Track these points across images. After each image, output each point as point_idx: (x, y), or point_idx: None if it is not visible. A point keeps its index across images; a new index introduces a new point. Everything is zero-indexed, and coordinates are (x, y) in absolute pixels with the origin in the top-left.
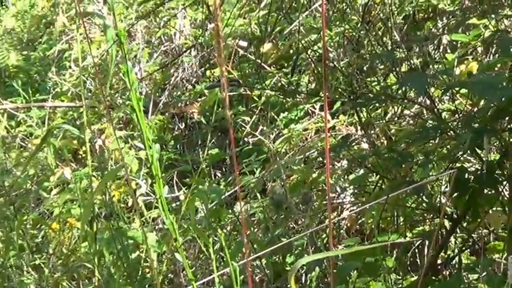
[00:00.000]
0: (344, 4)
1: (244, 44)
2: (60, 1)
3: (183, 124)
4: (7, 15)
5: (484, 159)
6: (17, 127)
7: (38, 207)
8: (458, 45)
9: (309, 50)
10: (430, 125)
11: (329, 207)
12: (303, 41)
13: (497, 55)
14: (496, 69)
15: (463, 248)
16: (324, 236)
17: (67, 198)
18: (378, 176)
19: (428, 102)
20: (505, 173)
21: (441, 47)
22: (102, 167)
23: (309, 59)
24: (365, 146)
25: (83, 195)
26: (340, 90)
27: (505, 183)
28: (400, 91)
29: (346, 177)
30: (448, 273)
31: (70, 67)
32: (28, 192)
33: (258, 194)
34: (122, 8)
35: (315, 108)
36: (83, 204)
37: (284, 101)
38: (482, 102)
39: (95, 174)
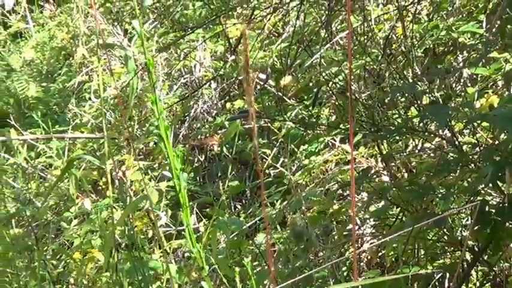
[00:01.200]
0: (365, 37)
1: (264, 76)
2: (79, 33)
3: (203, 156)
4: (26, 46)
5: (505, 192)
6: (36, 158)
7: (58, 237)
8: (479, 78)
9: (330, 83)
10: (451, 158)
11: (353, 238)
12: (323, 74)
13: None
14: None
15: (484, 282)
16: (345, 268)
17: (88, 229)
18: (399, 209)
19: (449, 135)
20: None
21: (462, 81)
22: (122, 198)
23: (330, 92)
24: (386, 178)
25: (104, 226)
26: (361, 122)
27: None
28: (421, 124)
29: (366, 209)
30: None
31: (90, 99)
32: (49, 223)
33: (278, 226)
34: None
35: (335, 141)
36: (104, 234)
37: (304, 133)
38: (503, 136)
39: (115, 205)
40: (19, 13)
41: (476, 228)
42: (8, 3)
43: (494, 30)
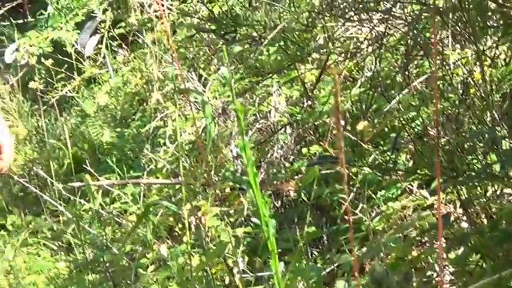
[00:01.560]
0: (443, 81)
1: (342, 122)
2: (153, 78)
3: (279, 202)
4: (100, 92)
5: None
6: (112, 204)
7: (135, 284)
8: None
9: (408, 128)
10: None
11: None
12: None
13: None
14: None
15: None
16: None
17: (165, 275)
18: (479, 256)
19: None
20: None
21: None
22: (199, 244)
23: (408, 137)
24: (465, 224)
25: (181, 272)
26: (440, 168)
27: None
28: (501, 169)
29: (445, 256)
30: None
31: (164, 144)
32: (125, 269)
33: (356, 273)
34: (217, 86)
35: (413, 186)
36: (181, 281)
37: (382, 178)
38: None
39: (192, 251)
40: (92, 58)
41: None
42: (88, 50)
43: None
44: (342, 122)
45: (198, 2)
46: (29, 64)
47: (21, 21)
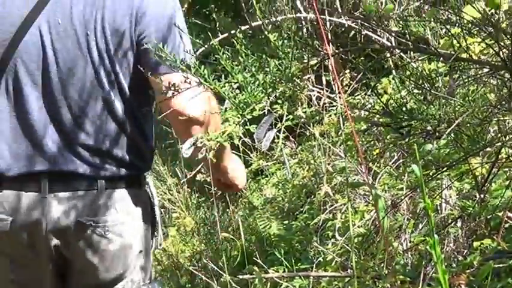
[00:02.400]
0: None
1: None
2: (322, 171)
3: None
4: (268, 184)
5: None
6: None
7: None
8: None
9: None
10: None
11: None
12: None
13: None
14: None
15: None
16: None
17: None
18: None
19: None
20: None
21: None
22: None
23: None
24: None
25: None
26: None
27: None
28: None
29: None
30: None
31: (333, 237)
32: None
33: None
34: (387, 179)
35: None
36: None
37: None
38: None
39: None
40: (259, 150)
41: None
42: (265, 144)
43: None
44: None
45: (366, 94)
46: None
47: None
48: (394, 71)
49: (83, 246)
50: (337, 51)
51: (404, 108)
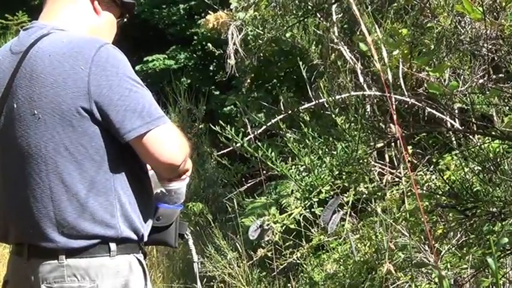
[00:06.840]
0: None
1: None
2: (383, 247)
3: None
4: (329, 260)
5: None
6: None
7: None
8: None
9: None
10: None
11: None
12: None
13: None
14: None
15: None
16: None
17: None
18: None
19: None
20: None
21: None
22: None
23: None
24: None
25: None
26: None
27: None
28: None
29: None
30: None
31: None
32: None
33: None
34: (450, 257)
35: None
36: None
37: None
38: None
39: None
40: (320, 225)
41: None
42: (331, 227)
43: None
44: None
45: (428, 171)
46: (271, 241)
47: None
48: (456, 148)
49: None
50: (403, 132)
51: (469, 190)
